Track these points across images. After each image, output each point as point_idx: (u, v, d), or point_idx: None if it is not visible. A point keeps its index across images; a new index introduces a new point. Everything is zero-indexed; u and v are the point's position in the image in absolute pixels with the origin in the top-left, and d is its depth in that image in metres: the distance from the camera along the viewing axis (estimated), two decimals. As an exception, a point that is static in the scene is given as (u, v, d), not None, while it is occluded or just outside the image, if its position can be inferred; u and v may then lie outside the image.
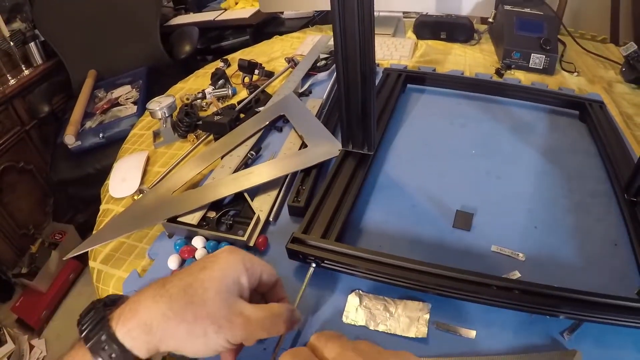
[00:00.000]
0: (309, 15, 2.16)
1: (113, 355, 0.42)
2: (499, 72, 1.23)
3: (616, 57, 1.34)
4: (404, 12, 1.65)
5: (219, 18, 2.44)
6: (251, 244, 0.70)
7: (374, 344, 0.43)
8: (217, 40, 2.43)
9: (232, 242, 0.70)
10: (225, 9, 2.58)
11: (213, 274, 0.46)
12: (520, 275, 0.63)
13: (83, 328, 0.44)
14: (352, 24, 0.66)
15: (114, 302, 0.47)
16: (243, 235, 0.69)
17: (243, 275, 0.48)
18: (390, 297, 0.61)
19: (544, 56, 1.22)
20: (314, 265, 0.62)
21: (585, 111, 0.98)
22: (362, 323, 0.59)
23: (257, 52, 1.52)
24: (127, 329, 0.43)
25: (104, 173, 0.97)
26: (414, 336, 0.57)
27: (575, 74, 1.24)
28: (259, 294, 0.53)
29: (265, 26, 2.38)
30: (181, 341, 0.44)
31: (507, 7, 1.35)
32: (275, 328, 0.47)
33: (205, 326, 0.43)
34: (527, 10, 1.34)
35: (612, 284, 0.63)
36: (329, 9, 0.66)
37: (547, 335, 0.56)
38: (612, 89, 1.17)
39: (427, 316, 0.59)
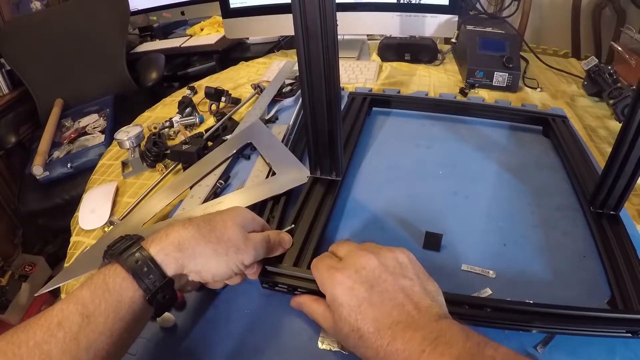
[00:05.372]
0: (274, 40, 2.18)
1: (145, 269, 0.50)
2: (463, 92, 1.25)
3: (578, 71, 1.40)
4: (368, 35, 1.68)
5: (185, 44, 2.45)
6: (223, 274, 0.69)
7: (375, 244, 0.57)
8: (183, 67, 2.44)
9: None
10: (191, 36, 2.60)
11: (230, 212, 0.60)
12: (491, 292, 0.64)
13: (114, 249, 0.52)
14: (317, 51, 0.67)
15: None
16: (214, 266, 0.69)
17: (254, 218, 0.63)
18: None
19: (507, 74, 1.25)
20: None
21: (549, 126, 1.00)
22: (338, 347, 0.59)
23: (223, 79, 1.53)
24: (160, 247, 0.52)
25: (73, 203, 0.97)
26: None
27: (539, 89, 1.28)
28: None
29: (231, 52, 2.40)
30: (207, 258, 0.54)
31: (470, 27, 1.39)
32: (270, 248, 0.62)
33: (228, 247, 0.55)
34: (489, 29, 1.38)
35: (583, 296, 0.64)
36: (294, 34, 0.67)
37: (522, 349, 0.57)
38: (575, 103, 1.21)
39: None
